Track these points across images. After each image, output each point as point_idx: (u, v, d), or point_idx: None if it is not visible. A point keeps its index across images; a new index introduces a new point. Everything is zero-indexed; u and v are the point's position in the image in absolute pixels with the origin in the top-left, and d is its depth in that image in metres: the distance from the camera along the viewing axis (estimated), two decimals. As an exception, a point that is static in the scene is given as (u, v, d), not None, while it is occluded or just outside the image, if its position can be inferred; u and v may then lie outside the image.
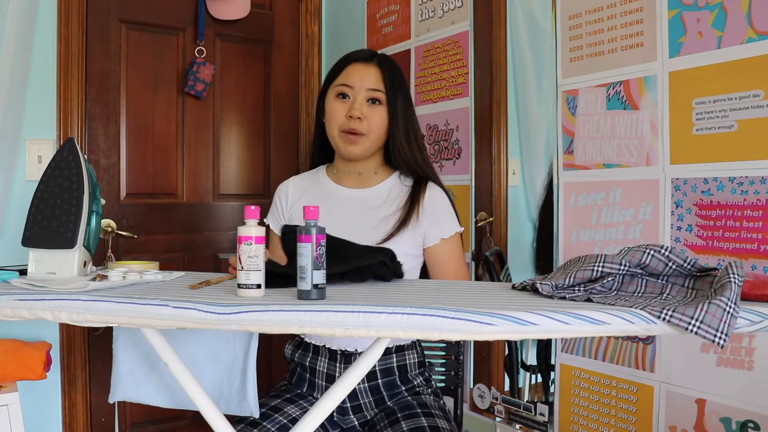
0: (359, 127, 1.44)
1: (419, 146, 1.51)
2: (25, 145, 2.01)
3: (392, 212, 1.46)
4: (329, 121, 1.48)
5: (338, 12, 2.60)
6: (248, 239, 1.02)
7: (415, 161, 1.50)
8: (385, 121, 1.47)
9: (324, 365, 1.42)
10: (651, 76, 1.47)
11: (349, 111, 1.44)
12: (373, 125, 1.45)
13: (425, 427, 1.30)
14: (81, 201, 1.22)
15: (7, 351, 1.73)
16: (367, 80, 1.46)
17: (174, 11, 2.30)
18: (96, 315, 0.99)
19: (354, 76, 1.47)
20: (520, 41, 1.84)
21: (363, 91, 1.46)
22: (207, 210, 2.40)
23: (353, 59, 1.50)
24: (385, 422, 1.35)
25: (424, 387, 1.46)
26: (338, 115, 1.46)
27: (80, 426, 2.11)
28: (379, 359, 1.41)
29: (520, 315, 0.88)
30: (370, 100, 1.46)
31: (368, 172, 1.52)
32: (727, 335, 0.85)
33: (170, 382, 1.36)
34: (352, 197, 1.50)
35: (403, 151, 1.48)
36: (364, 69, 1.48)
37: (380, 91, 1.46)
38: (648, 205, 1.48)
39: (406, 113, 1.49)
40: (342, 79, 1.48)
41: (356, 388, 1.39)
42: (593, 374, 1.61)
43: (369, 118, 1.45)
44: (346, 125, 1.44)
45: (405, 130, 1.48)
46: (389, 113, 1.47)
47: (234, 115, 2.45)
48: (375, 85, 1.46)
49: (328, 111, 1.48)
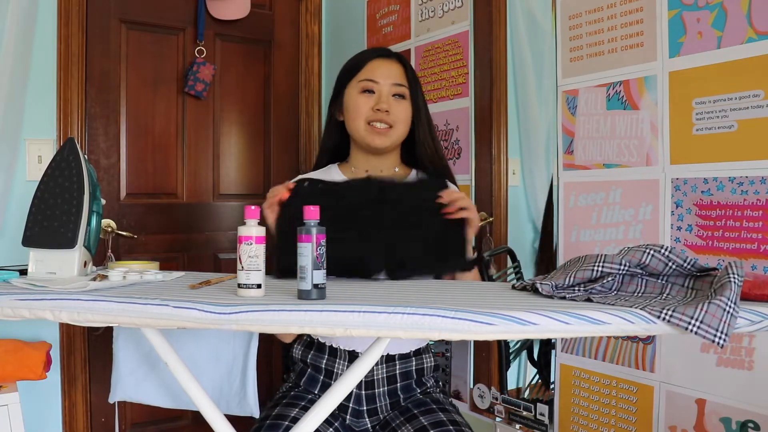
0: (387, 119, 1.44)
1: (439, 142, 1.53)
2: (25, 145, 2.01)
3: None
4: (354, 116, 1.47)
5: (338, 12, 2.60)
6: (248, 239, 1.02)
7: (438, 156, 1.51)
8: (409, 116, 1.48)
9: (343, 368, 1.40)
10: (651, 76, 1.47)
11: (376, 104, 1.45)
12: (400, 117, 1.46)
13: (444, 421, 1.31)
14: (81, 201, 1.22)
15: (7, 351, 1.73)
16: (391, 75, 1.47)
17: (174, 11, 2.30)
18: (96, 315, 0.99)
19: (378, 71, 1.47)
20: (520, 41, 1.84)
21: (388, 86, 1.46)
22: (207, 210, 2.40)
23: (375, 55, 1.51)
24: (401, 419, 1.36)
25: (435, 387, 1.48)
26: (364, 108, 1.45)
27: (80, 426, 2.11)
28: (400, 362, 1.42)
29: (520, 315, 0.88)
30: (395, 95, 1.47)
31: (389, 168, 1.51)
32: (727, 335, 0.85)
33: (170, 382, 1.37)
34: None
35: (428, 145, 1.49)
36: (388, 65, 1.49)
37: (404, 86, 1.47)
38: (648, 205, 1.48)
39: (426, 110, 1.51)
40: (366, 74, 1.48)
41: (375, 391, 1.40)
42: (593, 374, 1.61)
43: (395, 111, 1.45)
44: (373, 117, 1.44)
45: (428, 125, 1.50)
46: (413, 108, 1.48)
47: (234, 115, 2.45)
48: (399, 80, 1.47)
49: (353, 106, 1.47)
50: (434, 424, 1.30)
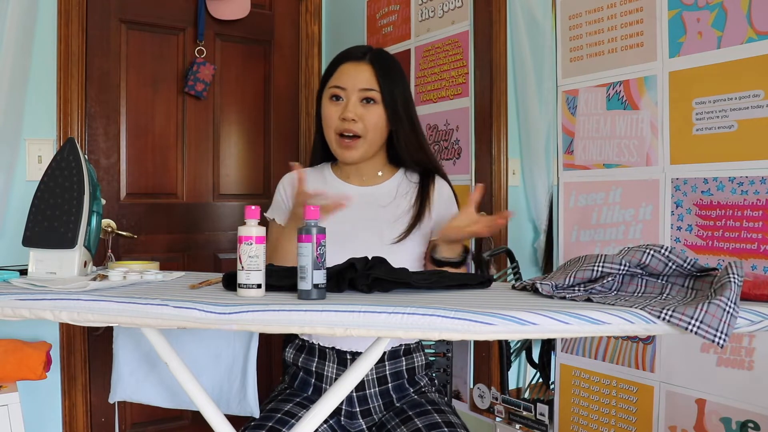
0: (354, 128, 1.41)
1: (425, 138, 1.51)
2: (25, 145, 2.01)
3: (403, 210, 1.46)
4: (325, 125, 1.46)
5: (338, 12, 2.60)
6: (248, 239, 1.02)
7: (424, 153, 1.48)
8: (382, 120, 1.44)
9: (332, 370, 1.41)
10: (651, 76, 1.47)
11: (342, 113, 1.42)
12: (369, 125, 1.42)
13: (440, 422, 1.30)
14: (81, 201, 1.22)
15: (7, 351, 1.73)
16: (359, 80, 1.43)
17: (174, 11, 2.30)
18: (96, 315, 0.99)
19: (345, 76, 1.44)
20: (520, 41, 1.84)
21: (356, 92, 1.43)
22: (207, 210, 2.40)
23: (344, 59, 1.47)
24: (396, 421, 1.35)
25: (429, 386, 1.47)
26: (332, 118, 1.43)
27: (80, 426, 2.11)
28: (389, 362, 1.41)
29: (520, 315, 0.88)
30: (364, 100, 1.43)
31: (371, 173, 1.51)
32: (727, 335, 0.85)
33: (170, 382, 1.36)
34: (361, 194, 1.48)
35: (411, 145, 1.46)
36: (356, 68, 1.44)
37: (373, 90, 1.43)
38: (648, 205, 1.48)
39: (407, 106, 1.46)
40: (334, 81, 1.45)
41: (366, 392, 1.39)
42: (593, 374, 1.61)
43: (364, 118, 1.42)
44: (341, 127, 1.42)
45: (410, 123, 1.46)
46: (386, 111, 1.44)
47: (234, 115, 2.45)
48: (367, 84, 1.43)
49: (324, 114, 1.46)
50: (429, 426, 1.29)
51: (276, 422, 1.29)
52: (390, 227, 1.43)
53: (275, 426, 1.29)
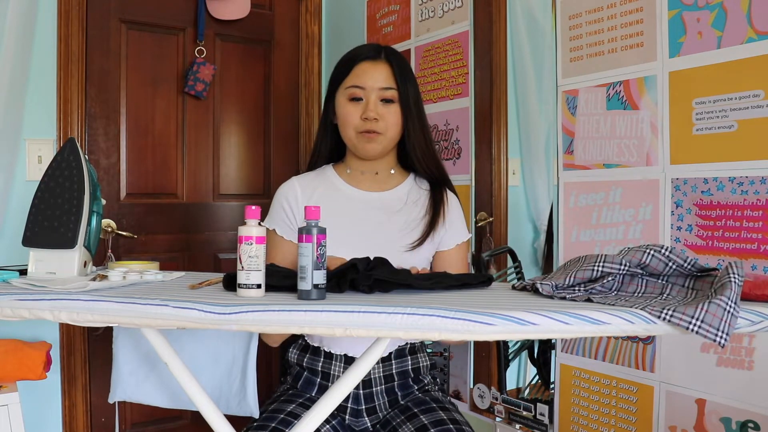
0: (376, 127, 1.41)
1: (434, 144, 1.49)
2: (25, 145, 2.01)
3: (416, 216, 1.45)
4: (344, 125, 1.44)
5: (338, 12, 2.60)
6: (249, 239, 1.02)
7: (431, 159, 1.47)
8: (399, 119, 1.43)
9: (339, 369, 1.41)
10: (651, 76, 1.47)
11: (364, 113, 1.41)
12: (389, 123, 1.42)
13: (445, 419, 1.31)
14: (81, 201, 1.22)
15: (7, 351, 1.73)
16: (378, 80, 1.42)
17: (174, 11, 2.30)
18: (96, 315, 0.99)
19: (364, 76, 1.43)
20: (520, 41, 1.84)
21: (375, 92, 1.42)
22: (207, 210, 2.40)
23: (361, 58, 1.46)
24: (402, 418, 1.36)
25: (432, 385, 1.48)
26: (353, 117, 1.42)
27: (80, 426, 2.11)
28: (396, 361, 1.42)
29: (520, 315, 0.88)
30: (383, 100, 1.43)
31: (385, 171, 1.50)
32: (727, 334, 0.85)
33: (170, 382, 1.37)
34: (371, 200, 1.47)
35: (420, 146, 1.46)
36: (374, 68, 1.43)
37: (392, 89, 1.43)
38: (648, 205, 1.48)
39: (418, 107, 1.46)
40: (352, 81, 1.44)
41: (373, 389, 1.40)
42: (593, 374, 1.61)
43: (384, 117, 1.42)
44: (363, 127, 1.41)
45: (420, 123, 1.46)
46: (402, 109, 1.43)
47: (234, 115, 2.45)
48: (386, 83, 1.42)
49: (342, 114, 1.44)
50: (434, 423, 1.30)
51: (279, 423, 1.29)
52: (402, 233, 1.43)
53: (278, 426, 1.29)
